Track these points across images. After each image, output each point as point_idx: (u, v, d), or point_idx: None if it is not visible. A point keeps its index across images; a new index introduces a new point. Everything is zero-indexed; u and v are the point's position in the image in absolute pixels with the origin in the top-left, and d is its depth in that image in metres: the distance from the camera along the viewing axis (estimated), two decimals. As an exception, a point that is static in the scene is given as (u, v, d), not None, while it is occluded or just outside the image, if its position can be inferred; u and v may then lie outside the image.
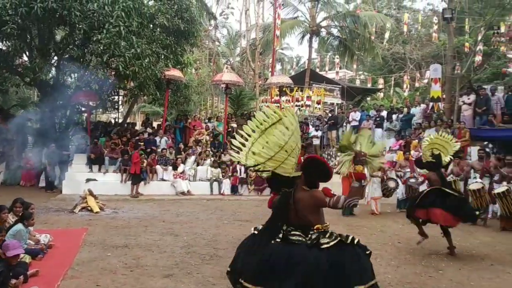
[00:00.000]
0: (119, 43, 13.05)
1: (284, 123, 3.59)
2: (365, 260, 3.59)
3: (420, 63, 29.05)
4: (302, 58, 48.54)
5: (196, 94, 23.17)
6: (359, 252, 3.58)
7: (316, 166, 3.66)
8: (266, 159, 3.59)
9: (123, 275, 5.78)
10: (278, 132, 3.56)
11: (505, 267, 6.62)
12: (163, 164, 14.61)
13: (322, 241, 3.50)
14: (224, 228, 9.14)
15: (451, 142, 7.54)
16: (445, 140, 7.59)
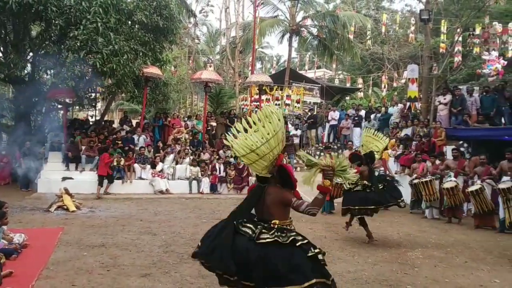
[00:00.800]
0: (97, 40, 12.86)
1: (263, 130, 3.83)
2: (300, 261, 3.60)
3: (398, 63, 29.44)
4: (282, 57, 48.66)
5: (175, 92, 23.00)
6: (295, 253, 3.64)
7: (283, 175, 3.96)
8: (242, 155, 3.93)
9: (100, 275, 5.71)
10: (255, 137, 3.83)
11: (479, 264, 6.77)
12: (141, 162, 14.47)
13: (262, 236, 3.72)
14: (203, 227, 9.07)
15: (380, 140, 8.39)
16: (374, 137, 8.46)
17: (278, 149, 3.89)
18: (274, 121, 3.82)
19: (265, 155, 3.84)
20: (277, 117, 3.85)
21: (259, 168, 3.93)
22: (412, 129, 15.33)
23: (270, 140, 3.81)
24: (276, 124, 3.81)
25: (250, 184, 14.58)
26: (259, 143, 3.80)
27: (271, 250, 3.64)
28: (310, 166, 3.94)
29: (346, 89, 29.58)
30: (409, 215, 11.36)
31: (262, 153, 3.83)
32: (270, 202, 3.87)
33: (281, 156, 3.95)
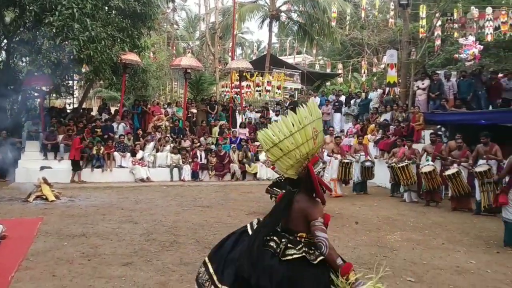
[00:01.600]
0: (73, 26, 12.58)
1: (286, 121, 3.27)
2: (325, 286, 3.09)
3: (377, 49, 29.62)
4: (262, 43, 48.45)
5: (154, 79, 22.74)
6: (326, 275, 3.10)
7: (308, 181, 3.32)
8: (266, 149, 3.37)
9: (80, 265, 5.67)
10: (275, 127, 3.29)
11: (456, 245, 6.94)
12: (121, 150, 14.34)
13: (288, 252, 3.15)
14: (184, 214, 9.10)
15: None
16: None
17: (308, 147, 3.25)
18: (302, 112, 3.25)
19: (289, 152, 3.24)
20: (310, 110, 3.28)
21: (284, 166, 3.34)
22: (391, 114, 15.50)
23: (295, 134, 3.22)
24: (304, 117, 3.23)
25: (231, 170, 14.64)
26: (282, 136, 3.23)
27: (299, 269, 3.09)
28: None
29: (326, 74, 29.68)
30: (388, 199, 11.55)
31: (286, 148, 3.24)
32: (297, 212, 3.26)
33: (316, 158, 3.34)
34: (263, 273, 3.07)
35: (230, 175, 14.75)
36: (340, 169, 11.67)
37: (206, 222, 8.38)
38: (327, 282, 3.06)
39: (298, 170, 3.30)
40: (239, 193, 12.15)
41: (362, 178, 12.27)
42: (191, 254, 6.20)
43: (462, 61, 18.65)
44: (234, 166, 14.72)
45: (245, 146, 15.44)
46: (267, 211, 9.57)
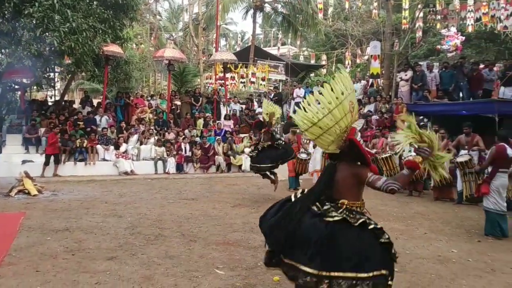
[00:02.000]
0: (53, 17, 12.36)
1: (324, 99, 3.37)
2: (369, 246, 3.28)
3: (361, 40, 29.69)
4: (246, 34, 48.25)
5: (137, 71, 22.46)
6: (365, 236, 3.32)
7: (355, 150, 3.50)
8: (304, 130, 3.50)
9: (64, 260, 5.62)
10: (315, 107, 3.40)
11: (438, 235, 7.06)
12: (104, 143, 14.19)
13: (329, 214, 3.39)
14: (169, 207, 9.08)
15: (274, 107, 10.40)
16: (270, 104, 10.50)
17: (346, 121, 3.38)
18: (337, 87, 3.33)
19: (329, 129, 3.37)
20: (343, 83, 3.37)
21: (325, 143, 3.48)
22: (374, 105, 15.62)
23: (333, 111, 3.31)
24: (339, 92, 3.32)
25: (216, 163, 14.62)
26: (320, 115, 3.34)
27: (339, 228, 3.30)
28: (411, 132, 3.51)
29: (310, 66, 29.71)
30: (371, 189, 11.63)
31: (325, 126, 3.36)
32: (341, 180, 3.48)
33: (353, 130, 3.48)
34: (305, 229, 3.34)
35: (215, 167, 14.73)
36: (323, 161, 11.71)
37: (191, 214, 8.37)
38: (367, 241, 3.29)
39: (338, 144, 3.46)
40: (224, 186, 12.15)
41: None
42: (176, 247, 6.20)
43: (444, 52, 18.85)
44: (219, 158, 14.69)
45: (230, 138, 15.42)
46: (252, 203, 9.64)
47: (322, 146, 3.55)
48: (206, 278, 5.03)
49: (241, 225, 7.53)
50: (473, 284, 4.98)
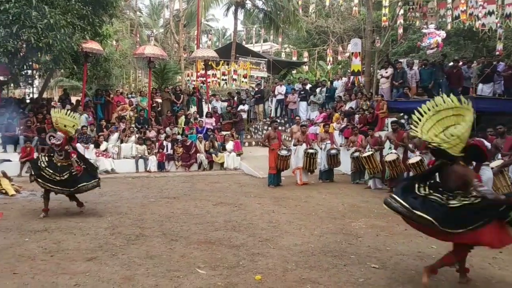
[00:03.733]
0: (30, 13, 12.12)
1: (465, 120, 4.58)
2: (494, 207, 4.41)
3: (342, 37, 29.86)
4: (228, 30, 48.06)
5: (117, 68, 22.22)
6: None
7: (478, 152, 4.80)
8: (443, 142, 4.58)
9: (43, 261, 5.53)
10: (460, 126, 4.56)
11: (417, 232, 7.08)
12: (84, 142, 13.97)
13: (450, 202, 4.47)
14: (151, 206, 9.00)
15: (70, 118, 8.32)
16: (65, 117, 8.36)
17: (470, 129, 4.66)
18: (464, 102, 4.63)
19: (465, 139, 4.59)
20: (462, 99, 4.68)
21: (458, 150, 4.58)
22: (356, 102, 15.73)
23: (469, 124, 4.59)
24: (466, 105, 4.63)
25: (198, 161, 14.55)
26: (464, 131, 4.55)
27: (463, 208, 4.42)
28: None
29: (292, 63, 29.74)
30: (353, 186, 11.74)
31: (464, 139, 4.58)
32: (456, 178, 4.57)
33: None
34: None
35: (197, 165, 14.65)
36: (305, 159, 11.78)
37: (173, 213, 8.31)
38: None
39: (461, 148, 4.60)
40: (206, 184, 12.10)
41: (328, 166, 12.42)
42: (158, 247, 6.15)
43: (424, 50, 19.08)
44: (201, 156, 14.61)
45: (212, 136, 15.35)
46: (234, 201, 9.61)
47: (455, 152, 4.58)
48: (188, 278, 5.00)
49: (223, 224, 7.51)
50: (452, 279, 5.05)
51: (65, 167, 8.02)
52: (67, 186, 7.99)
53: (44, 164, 7.99)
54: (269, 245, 6.26)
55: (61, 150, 8.12)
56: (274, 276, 5.08)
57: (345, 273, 5.23)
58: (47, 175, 7.86)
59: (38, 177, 7.88)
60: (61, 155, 8.11)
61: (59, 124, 8.19)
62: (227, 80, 22.93)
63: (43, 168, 7.90)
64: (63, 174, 7.91)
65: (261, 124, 19.14)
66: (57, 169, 7.94)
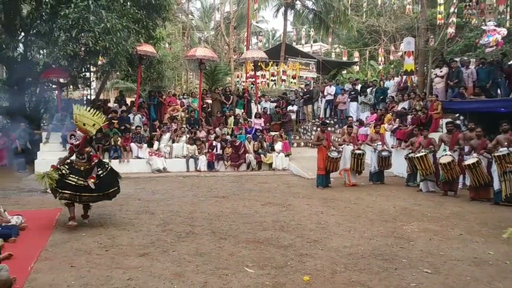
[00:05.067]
0: (88, 18, 12.65)
1: None
2: None
3: (394, 36, 29.15)
4: (277, 31, 48.19)
5: (170, 70, 22.80)
6: None
7: None
8: None
9: (98, 255, 5.76)
10: None
11: (473, 236, 6.84)
12: (138, 141, 14.44)
13: None
14: (200, 205, 9.16)
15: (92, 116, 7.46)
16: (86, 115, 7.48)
17: None
18: None
19: None
20: None
21: None
22: (408, 102, 15.30)
23: None
24: None
25: (247, 161, 14.63)
26: None
27: None
28: None
29: (342, 63, 29.38)
30: (404, 189, 11.42)
31: None
32: None
33: None
34: None
35: (246, 165, 14.75)
36: (352, 160, 11.60)
37: (222, 212, 8.42)
38: None
39: None
40: (255, 184, 12.17)
41: (379, 168, 12.16)
42: (207, 245, 6.25)
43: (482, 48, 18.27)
44: (250, 157, 14.71)
45: (261, 136, 15.42)
46: (283, 201, 9.62)
47: None
48: (236, 276, 5.05)
49: (271, 224, 7.53)
50: (511, 287, 4.81)
51: (89, 172, 7.25)
52: (95, 191, 7.17)
53: (66, 171, 7.12)
54: (318, 246, 6.21)
55: (81, 152, 7.33)
56: (322, 277, 5.03)
57: (396, 277, 5.09)
58: (71, 181, 7.00)
59: (62, 188, 6.95)
60: (82, 158, 7.34)
61: (78, 122, 7.45)
62: (276, 81, 22.97)
63: (66, 175, 7.04)
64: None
65: (309, 125, 19.02)
66: (81, 174, 7.16)
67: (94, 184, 7.05)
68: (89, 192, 7.09)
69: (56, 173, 6.98)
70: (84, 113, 7.39)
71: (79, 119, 7.36)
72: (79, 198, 7.06)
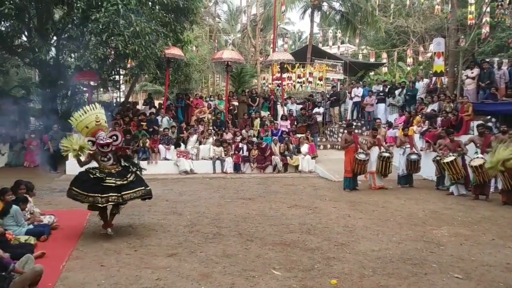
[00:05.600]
0: (118, 22, 12.91)
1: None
2: None
3: (423, 37, 28.67)
4: (304, 33, 48.03)
5: (197, 72, 23.03)
6: None
7: None
8: None
9: (127, 255, 5.86)
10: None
11: (506, 241, 6.66)
12: (166, 143, 14.63)
13: None
14: (227, 206, 9.21)
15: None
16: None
17: None
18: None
19: None
20: None
21: None
22: (438, 104, 14.99)
23: None
24: None
25: (273, 163, 14.62)
26: None
27: None
28: None
29: (370, 64, 29.06)
30: (434, 192, 11.20)
31: None
32: None
33: None
34: None
35: (272, 167, 14.75)
36: (379, 163, 11.42)
37: (248, 214, 8.44)
38: None
39: None
40: (281, 186, 12.15)
41: (407, 171, 11.96)
42: (234, 246, 6.28)
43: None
44: (276, 159, 14.70)
45: (287, 138, 15.39)
46: (309, 204, 9.57)
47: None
48: (263, 278, 5.05)
49: (297, 226, 7.50)
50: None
51: (122, 171, 6.83)
52: (137, 185, 6.82)
53: (99, 173, 6.62)
54: (345, 250, 6.16)
55: (105, 154, 6.75)
56: (350, 281, 4.99)
57: (426, 282, 5.00)
58: (110, 183, 6.51)
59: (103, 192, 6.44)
60: (108, 159, 6.79)
61: (101, 121, 6.92)
62: (302, 83, 22.89)
63: (103, 178, 6.54)
64: (126, 176, 6.73)
65: (336, 127, 18.86)
66: (116, 175, 6.67)
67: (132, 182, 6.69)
68: (130, 188, 6.67)
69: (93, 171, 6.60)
70: (103, 111, 7.07)
71: (102, 117, 6.94)
72: (122, 198, 6.58)
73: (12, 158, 15.44)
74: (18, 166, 15.07)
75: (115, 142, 6.84)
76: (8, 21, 14.11)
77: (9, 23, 14.22)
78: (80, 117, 6.85)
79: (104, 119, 6.95)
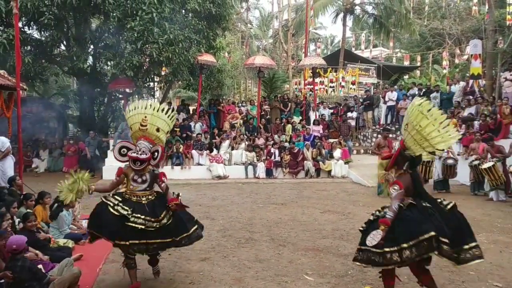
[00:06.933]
0: (152, 30, 13.20)
1: None
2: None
3: (459, 39, 27.99)
4: (336, 37, 47.75)
5: (229, 78, 23.23)
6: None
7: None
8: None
9: (162, 259, 5.92)
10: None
11: (549, 249, 6.40)
12: (199, 149, 14.80)
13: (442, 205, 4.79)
14: (259, 211, 9.22)
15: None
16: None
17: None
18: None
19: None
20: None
21: None
22: (475, 107, 14.59)
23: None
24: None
25: (305, 168, 14.55)
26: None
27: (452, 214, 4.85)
28: None
29: (404, 67, 28.57)
30: (472, 198, 10.88)
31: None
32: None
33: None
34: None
35: (304, 172, 14.68)
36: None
37: (281, 219, 8.43)
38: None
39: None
40: (313, 191, 12.08)
41: (443, 176, 11.66)
42: (266, 251, 6.28)
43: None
44: (308, 164, 14.62)
45: (319, 143, 15.30)
46: (342, 209, 9.47)
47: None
48: (296, 284, 5.04)
49: (330, 232, 7.44)
50: None
51: (156, 203, 4.98)
52: (169, 235, 4.82)
53: (122, 207, 4.78)
54: (379, 256, 6.05)
55: (141, 173, 5.02)
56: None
57: (463, 290, 4.87)
58: (138, 224, 4.64)
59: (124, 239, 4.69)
60: (142, 182, 5.01)
61: (148, 125, 4.98)
62: (334, 87, 22.73)
63: (128, 215, 4.68)
64: (159, 216, 4.78)
65: (370, 131, 18.62)
66: (146, 210, 4.79)
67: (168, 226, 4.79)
68: (161, 236, 4.76)
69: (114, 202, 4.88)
70: (159, 114, 5.04)
71: (152, 122, 5.00)
72: (146, 247, 4.80)
73: (51, 163, 15.97)
74: (56, 171, 15.57)
75: (154, 160, 5.04)
76: (47, 31, 14.64)
77: (48, 33, 14.74)
78: (129, 113, 5.10)
79: (156, 125, 5.02)
